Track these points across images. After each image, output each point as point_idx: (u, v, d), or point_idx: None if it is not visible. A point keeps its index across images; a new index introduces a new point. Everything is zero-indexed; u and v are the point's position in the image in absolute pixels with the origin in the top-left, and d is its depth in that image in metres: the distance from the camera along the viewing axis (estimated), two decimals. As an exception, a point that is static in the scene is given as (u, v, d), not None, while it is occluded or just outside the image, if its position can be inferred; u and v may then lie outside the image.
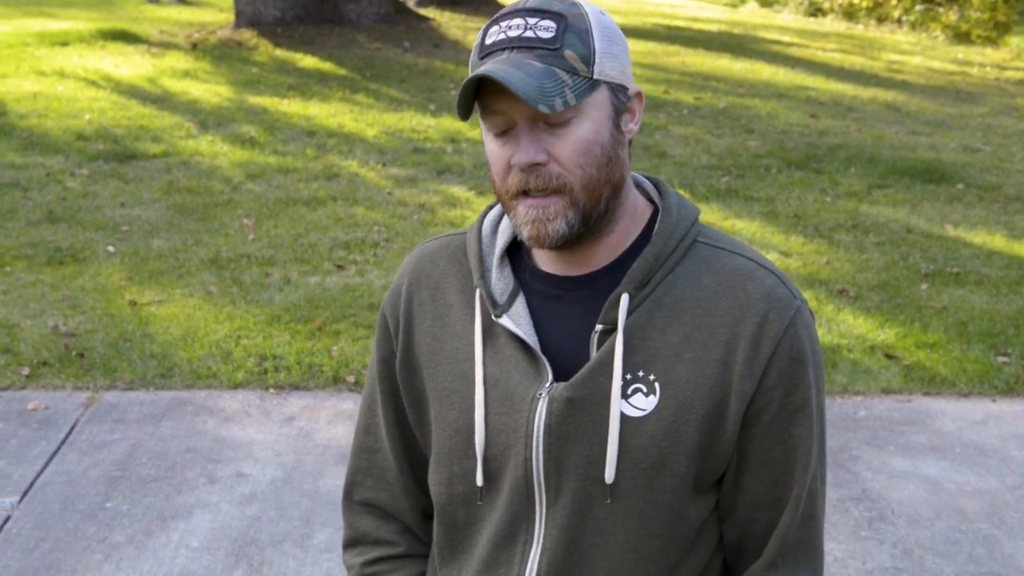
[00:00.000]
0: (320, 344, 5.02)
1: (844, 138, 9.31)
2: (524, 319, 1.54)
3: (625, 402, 1.48)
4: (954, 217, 7.19)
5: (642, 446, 1.48)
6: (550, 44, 1.41)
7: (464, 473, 1.58)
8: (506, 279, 1.57)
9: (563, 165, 1.42)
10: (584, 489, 1.50)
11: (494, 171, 1.48)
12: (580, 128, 1.42)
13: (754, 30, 16.48)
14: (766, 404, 1.50)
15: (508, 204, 1.47)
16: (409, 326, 1.64)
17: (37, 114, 9.40)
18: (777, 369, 1.49)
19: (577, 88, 1.40)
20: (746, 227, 6.84)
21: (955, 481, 4.03)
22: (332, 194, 7.39)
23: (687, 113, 10.22)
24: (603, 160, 1.44)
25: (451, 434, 1.58)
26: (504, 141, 1.44)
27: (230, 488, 3.91)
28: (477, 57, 1.45)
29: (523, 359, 1.53)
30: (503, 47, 1.42)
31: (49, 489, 3.87)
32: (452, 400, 1.58)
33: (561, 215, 1.43)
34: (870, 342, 5.16)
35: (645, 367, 1.49)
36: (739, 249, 1.55)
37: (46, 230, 6.54)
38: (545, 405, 1.50)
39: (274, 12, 13.68)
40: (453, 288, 1.61)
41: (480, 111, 1.44)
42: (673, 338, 1.49)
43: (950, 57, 14.38)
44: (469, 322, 1.58)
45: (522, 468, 1.52)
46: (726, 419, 1.49)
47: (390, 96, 10.55)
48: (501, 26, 1.44)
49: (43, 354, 4.87)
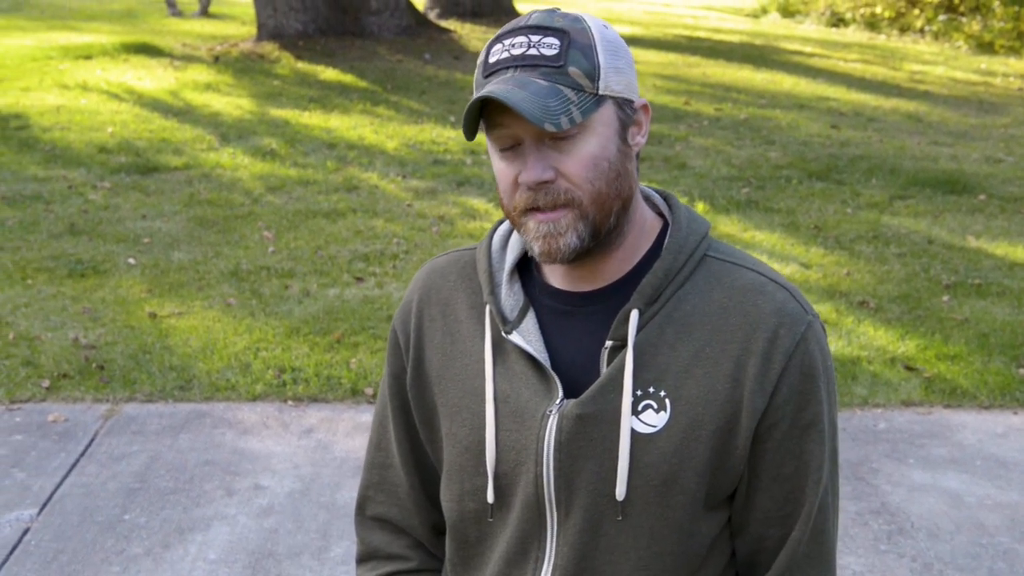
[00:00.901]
0: (339, 356, 5.03)
1: (865, 149, 9.27)
2: (534, 335, 1.53)
3: (636, 418, 1.48)
4: (976, 228, 7.15)
5: (653, 463, 1.47)
6: (554, 62, 1.40)
7: (475, 490, 1.57)
8: (516, 295, 1.57)
9: (571, 181, 1.42)
10: (595, 506, 1.50)
11: (501, 188, 1.47)
12: (587, 144, 1.42)
13: (776, 41, 16.44)
14: (777, 420, 1.49)
15: (517, 221, 1.47)
16: (419, 342, 1.64)
17: (60, 127, 9.47)
18: (788, 385, 1.48)
19: (583, 105, 1.40)
20: (766, 238, 6.82)
21: (976, 494, 4.00)
22: (352, 206, 7.41)
23: (707, 124, 10.21)
24: (611, 175, 1.44)
25: (461, 451, 1.58)
26: (511, 159, 1.44)
27: (248, 500, 3.92)
28: (481, 76, 1.45)
29: (533, 376, 1.52)
30: (507, 65, 1.42)
31: (68, 501, 3.89)
32: (463, 417, 1.58)
33: (571, 228, 1.43)
34: (890, 354, 5.13)
35: (656, 383, 1.48)
36: (750, 263, 1.54)
37: (68, 243, 6.58)
38: (555, 422, 1.49)
39: (296, 25, 13.75)
40: (463, 304, 1.61)
41: (485, 129, 1.44)
42: (683, 354, 1.48)
43: (973, 67, 14.31)
44: (479, 338, 1.58)
45: (533, 485, 1.51)
46: (737, 435, 1.48)
47: (410, 108, 10.58)
48: (504, 44, 1.43)
49: (63, 366, 4.89)
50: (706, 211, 7.37)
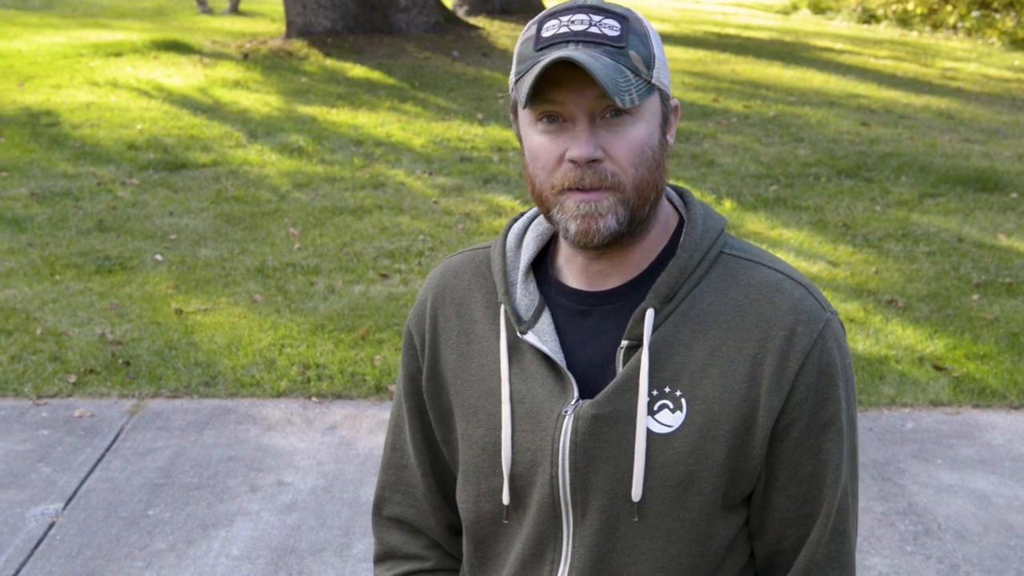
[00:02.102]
0: (363, 353, 5.03)
1: (896, 146, 9.19)
2: (550, 335, 1.52)
3: (651, 419, 1.46)
4: (1007, 226, 7.07)
5: (669, 463, 1.46)
6: (617, 42, 1.40)
7: (491, 491, 1.57)
8: (531, 294, 1.55)
9: (618, 163, 1.41)
10: (611, 507, 1.48)
11: (539, 164, 1.44)
12: (636, 129, 1.41)
13: (806, 37, 16.34)
14: (795, 419, 1.47)
15: (552, 199, 1.44)
16: (435, 343, 1.63)
17: (90, 124, 9.52)
18: (806, 383, 1.46)
19: (639, 89, 1.39)
20: (794, 236, 6.77)
21: (1004, 496, 3.96)
22: (378, 203, 7.42)
23: (736, 121, 10.15)
24: (653, 164, 1.44)
25: (478, 451, 1.57)
26: (556, 133, 1.42)
27: (271, 497, 3.92)
28: (533, 49, 1.42)
29: (549, 376, 1.51)
30: (566, 39, 1.40)
31: (93, 496, 3.91)
32: (479, 417, 1.57)
33: (612, 211, 1.42)
34: (919, 353, 5.08)
35: (671, 383, 1.47)
36: (766, 260, 1.53)
37: (96, 239, 6.61)
38: (571, 423, 1.48)
39: (325, 22, 13.77)
40: (478, 304, 1.60)
41: (530, 100, 1.40)
42: (700, 353, 1.47)
43: (1006, 64, 14.17)
44: (494, 338, 1.57)
45: (548, 486, 1.50)
46: (754, 435, 1.47)
47: (438, 105, 10.58)
48: (561, 20, 1.42)
49: (90, 362, 4.92)
50: (734, 208, 7.33)
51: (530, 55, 1.42)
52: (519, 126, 1.49)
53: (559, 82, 1.38)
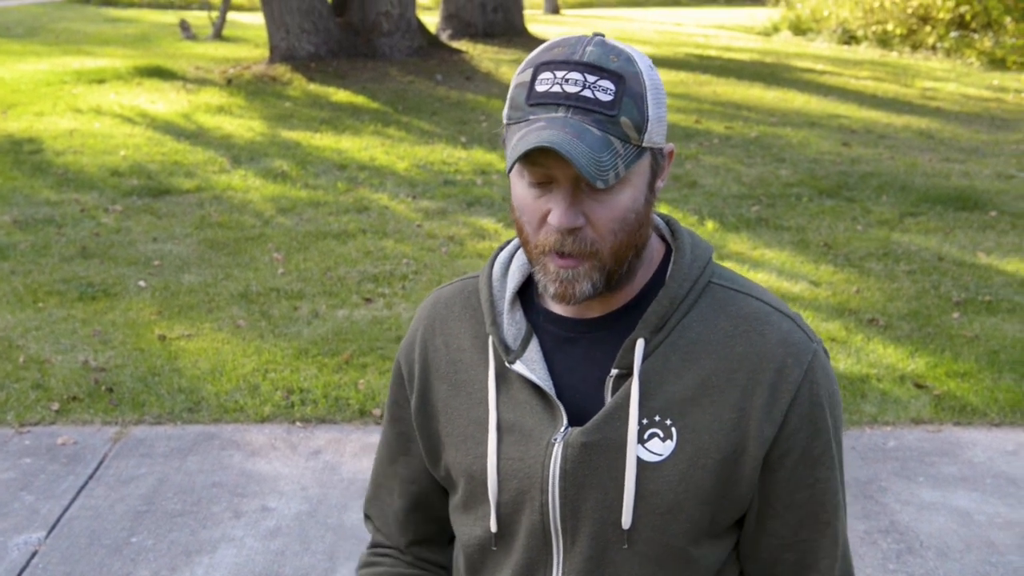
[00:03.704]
0: (347, 377, 5.03)
1: (876, 166, 9.26)
2: (538, 364, 1.53)
3: (642, 447, 1.48)
4: (987, 245, 7.12)
5: (658, 491, 1.48)
6: (608, 109, 1.37)
7: (481, 518, 1.59)
8: (518, 323, 1.57)
9: (597, 231, 1.41)
10: (601, 534, 1.50)
11: (526, 219, 1.45)
12: (621, 196, 1.41)
13: (787, 59, 16.45)
14: (788, 449, 1.50)
15: (536, 258, 1.46)
16: (425, 373, 1.65)
17: (73, 151, 9.52)
18: (798, 415, 1.49)
19: (627, 157, 1.38)
20: (776, 256, 6.81)
21: (986, 513, 3.98)
22: (362, 227, 7.43)
23: (718, 143, 10.21)
24: (635, 226, 1.44)
25: (468, 479, 1.59)
26: (539, 193, 1.42)
27: (255, 522, 3.92)
28: (525, 101, 1.40)
29: (538, 404, 1.52)
30: (559, 101, 1.38)
31: (76, 524, 3.90)
32: (468, 446, 1.58)
33: (587, 277, 1.43)
34: (900, 372, 5.11)
35: (661, 412, 1.48)
36: (753, 291, 1.55)
37: (79, 266, 6.61)
38: (560, 450, 1.49)
39: (308, 47, 13.81)
40: (467, 334, 1.62)
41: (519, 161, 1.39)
42: (689, 382, 1.48)
43: (985, 83, 14.28)
44: (483, 367, 1.58)
45: (538, 513, 1.52)
46: (744, 464, 1.48)
47: (421, 129, 10.61)
48: (556, 76, 1.39)
49: (73, 389, 4.91)
50: (716, 229, 7.36)
51: (522, 106, 1.41)
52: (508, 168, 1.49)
53: (551, 151, 1.36)
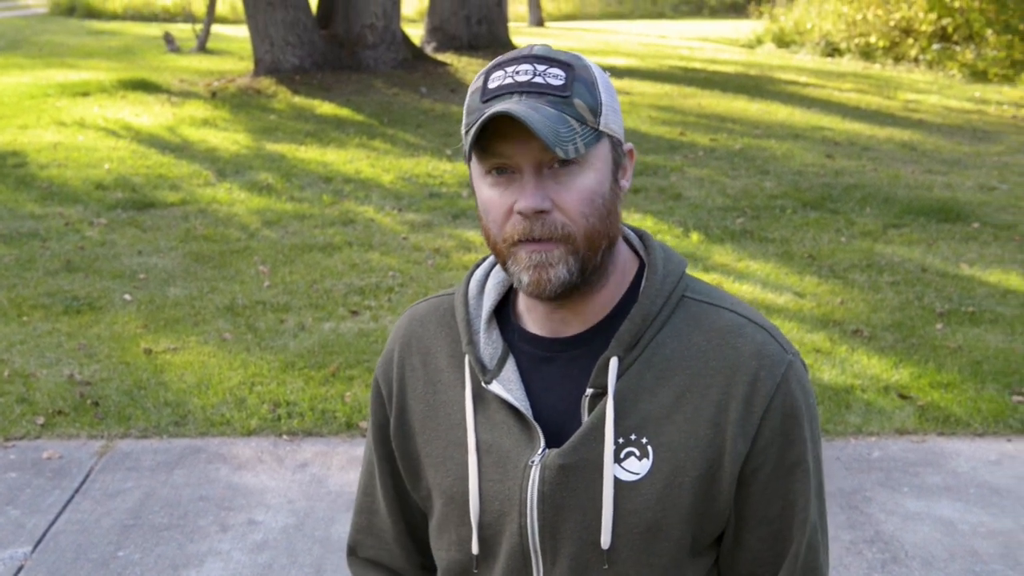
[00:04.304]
0: (333, 390, 5.04)
1: (860, 178, 9.30)
2: (515, 384, 1.52)
3: (618, 466, 1.47)
4: (969, 256, 7.17)
5: (637, 510, 1.47)
6: (561, 91, 1.40)
7: (460, 540, 1.57)
8: (495, 343, 1.55)
9: (567, 214, 1.40)
10: (581, 555, 1.49)
11: (490, 218, 1.44)
12: (584, 177, 1.41)
13: (771, 71, 16.53)
14: (762, 463, 1.48)
15: (505, 252, 1.44)
16: (402, 392, 1.63)
17: (57, 164, 9.51)
18: (771, 427, 1.47)
19: (585, 137, 1.39)
20: (760, 268, 6.84)
21: (969, 522, 4.00)
22: (348, 240, 7.44)
23: (702, 155, 10.25)
24: (604, 211, 1.43)
25: (447, 501, 1.57)
26: (504, 186, 1.42)
27: (242, 536, 3.92)
28: (479, 101, 1.42)
29: (515, 425, 1.51)
30: (511, 91, 1.40)
31: (62, 538, 3.89)
32: (447, 467, 1.57)
33: (562, 261, 1.41)
34: (884, 382, 5.13)
35: (637, 430, 1.47)
36: (728, 304, 1.53)
37: (64, 279, 6.59)
38: (538, 472, 1.48)
39: (293, 60, 13.82)
40: (443, 353, 1.60)
41: (478, 154, 1.42)
42: (664, 400, 1.47)
43: (967, 95, 14.38)
44: (460, 387, 1.57)
45: (517, 535, 1.51)
46: (720, 480, 1.47)
47: (407, 141, 10.62)
48: (507, 71, 1.42)
49: (58, 403, 4.90)
50: (701, 241, 7.39)
51: (476, 107, 1.42)
52: (471, 177, 1.50)
53: (504, 135, 1.38)
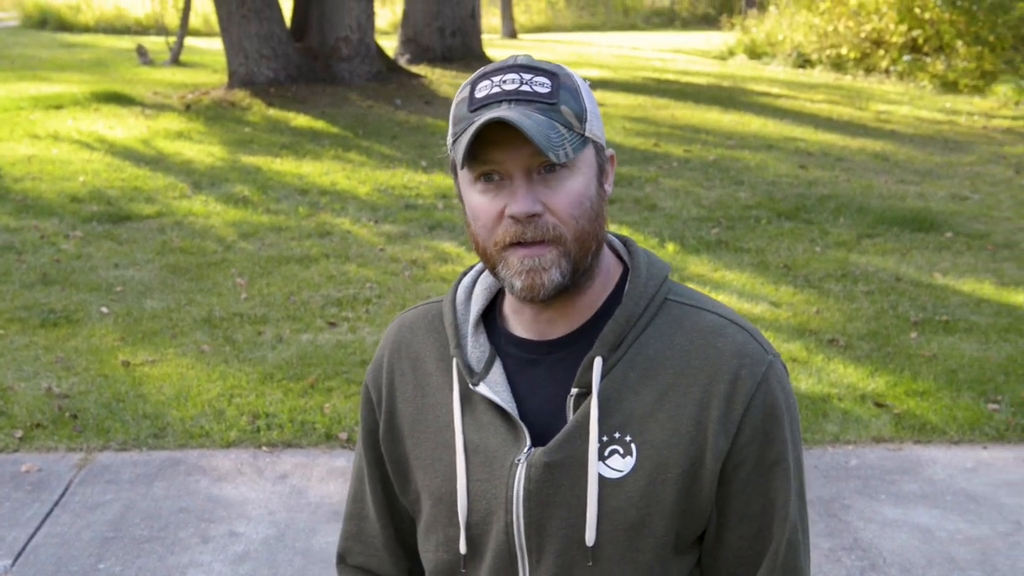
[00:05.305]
0: (312, 401, 5.04)
1: (833, 188, 9.38)
2: (501, 385, 1.55)
3: (603, 464, 1.49)
4: (943, 265, 7.24)
5: (621, 507, 1.49)
6: (548, 98, 1.44)
7: (448, 540, 1.59)
8: (482, 346, 1.59)
9: (558, 216, 1.44)
10: (566, 552, 1.51)
11: (480, 223, 1.47)
12: (573, 181, 1.44)
13: (743, 82, 16.63)
14: (742, 460, 1.51)
15: (496, 257, 1.47)
16: (391, 397, 1.66)
17: (32, 177, 9.46)
18: (751, 425, 1.50)
19: (573, 142, 1.43)
20: (736, 278, 6.88)
21: (947, 529, 4.04)
22: (324, 252, 7.44)
23: (677, 166, 10.30)
24: (592, 214, 1.46)
25: (435, 502, 1.60)
26: (494, 191, 1.45)
27: (223, 548, 3.91)
28: (467, 110, 1.45)
29: (502, 425, 1.54)
30: (499, 99, 1.43)
31: (42, 552, 3.87)
32: (436, 468, 1.60)
33: (555, 264, 1.44)
34: (860, 391, 5.18)
35: (621, 429, 1.50)
36: (709, 306, 1.57)
37: (40, 292, 6.57)
38: (524, 470, 1.51)
39: (267, 72, 13.80)
40: (432, 357, 1.63)
41: (468, 161, 1.44)
42: (647, 398, 1.50)
43: (938, 106, 14.51)
44: (448, 390, 1.60)
45: (504, 534, 1.53)
46: (702, 477, 1.50)
47: (382, 153, 10.63)
48: (493, 80, 1.45)
49: (36, 416, 4.88)
50: (677, 252, 7.43)
51: (465, 116, 1.46)
52: (459, 185, 1.52)
53: (494, 142, 1.41)
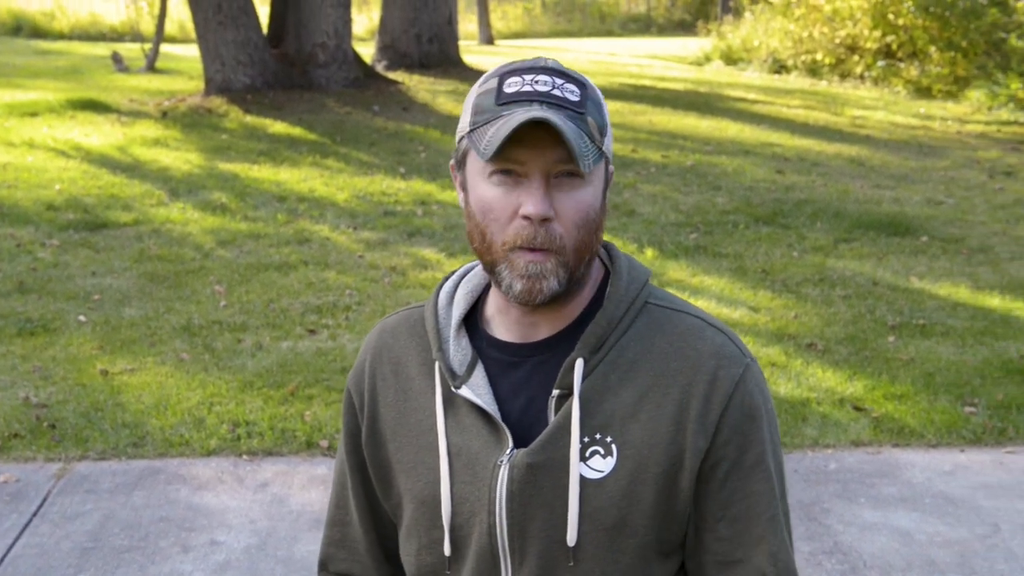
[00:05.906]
0: (293, 409, 5.03)
1: (810, 193, 9.43)
2: (483, 388, 1.56)
3: (584, 465, 1.51)
4: (919, 269, 7.28)
5: (602, 507, 1.50)
6: (577, 107, 1.44)
7: (431, 543, 1.60)
8: (464, 349, 1.60)
9: (564, 225, 1.45)
10: (548, 552, 1.52)
11: (493, 216, 1.47)
12: (585, 192, 1.46)
13: (720, 88, 16.69)
14: (720, 459, 1.52)
15: (501, 255, 1.47)
16: (373, 401, 1.67)
17: (7, 185, 9.41)
18: (729, 425, 1.51)
19: (593, 154, 1.44)
20: (715, 283, 6.91)
21: (926, 532, 4.07)
22: (303, 259, 7.43)
23: (655, 171, 10.33)
24: (593, 226, 1.48)
25: (418, 505, 1.61)
26: (509, 188, 1.45)
27: (204, 557, 3.90)
28: (494, 103, 1.45)
29: (484, 427, 1.55)
30: (531, 99, 1.43)
31: (21, 563, 3.85)
32: (418, 472, 1.60)
33: (554, 274, 1.46)
34: (839, 395, 5.21)
35: (602, 429, 1.51)
36: (689, 309, 1.59)
37: (16, 301, 6.53)
38: (506, 472, 1.52)
39: (244, 79, 13.76)
40: (414, 361, 1.64)
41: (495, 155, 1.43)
42: (627, 399, 1.52)
43: (912, 112, 14.60)
44: (430, 394, 1.61)
45: (487, 535, 1.54)
46: (682, 477, 1.51)
47: (360, 160, 10.62)
48: (524, 79, 1.45)
49: (14, 426, 4.85)
50: (655, 257, 7.45)
51: (490, 108, 1.45)
52: (465, 175, 1.52)
53: (521, 140, 1.41)
